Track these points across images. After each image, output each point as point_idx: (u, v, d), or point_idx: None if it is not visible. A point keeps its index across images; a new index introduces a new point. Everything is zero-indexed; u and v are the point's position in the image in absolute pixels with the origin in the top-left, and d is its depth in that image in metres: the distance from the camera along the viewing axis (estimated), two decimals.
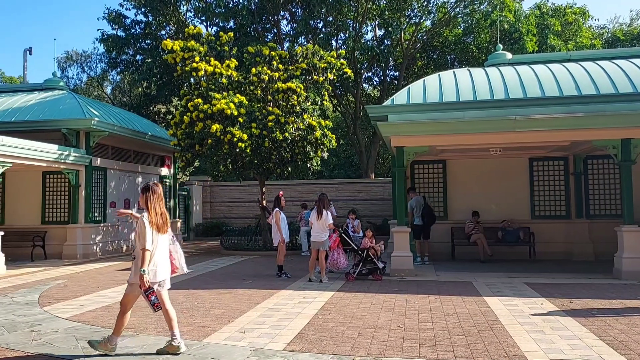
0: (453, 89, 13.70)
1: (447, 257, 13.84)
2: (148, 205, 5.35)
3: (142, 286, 5.14)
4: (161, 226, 5.37)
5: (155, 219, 5.31)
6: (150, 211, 5.33)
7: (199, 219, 25.23)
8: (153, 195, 5.39)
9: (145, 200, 5.38)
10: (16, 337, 6.13)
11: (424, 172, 14.62)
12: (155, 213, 5.34)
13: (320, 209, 10.25)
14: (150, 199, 5.37)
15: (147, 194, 5.39)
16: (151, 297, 5.17)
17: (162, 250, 5.42)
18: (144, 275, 5.12)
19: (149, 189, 5.43)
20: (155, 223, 5.30)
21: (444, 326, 6.43)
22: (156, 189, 5.46)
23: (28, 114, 16.10)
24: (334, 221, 10.70)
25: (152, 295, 5.18)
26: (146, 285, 5.12)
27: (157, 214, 5.35)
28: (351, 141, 31.89)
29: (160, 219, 5.36)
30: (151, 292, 5.18)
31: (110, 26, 28.91)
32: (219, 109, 14.54)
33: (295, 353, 5.34)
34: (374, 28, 29.88)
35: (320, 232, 10.20)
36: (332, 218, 10.32)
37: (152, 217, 5.30)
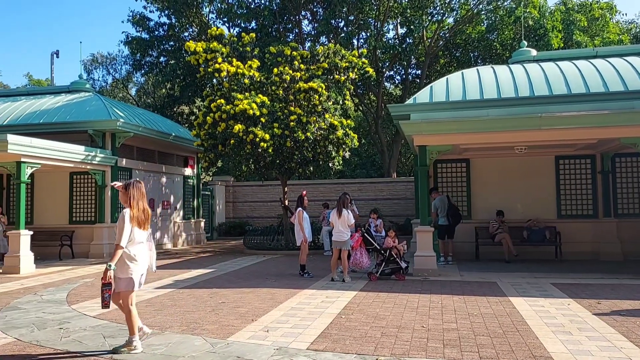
0: (476, 86, 13.55)
1: (471, 257, 13.69)
2: (131, 202, 5.40)
3: (103, 279, 5.20)
4: (143, 222, 5.44)
5: (137, 215, 5.39)
6: (132, 207, 5.38)
7: (222, 219, 25.46)
8: (136, 191, 5.46)
9: (127, 196, 5.42)
10: (46, 334, 6.27)
11: (447, 171, 14.48)
12: (138, 209, 5.41)
13: (340, 208, 10.25)
14: (133, 195, 5.42)
15: (130, 190, 5.44)
16: (106, 293, 5.22)
17: (143, 246, 5.50)
18: (109, 270, 5.18)
19: (132, 185, 5.49)
20: (137, 219, 5.38)
21: (468, 327, 6.37)
22: (139, 185, 5.54)
23: (55, 115, 16.45)
24: (356, 220, 10.69)
25: (108, 292, 5.23)
26: (106, 280, 5.18)
27: (140, 209, 5.42)
28: (373, 140, 31.80)
29: (143, 215, 5.44)
30: (108, 289, 5.23)
31: (135, 28, 29.39)
32: (242, 109, 14.65)
33: (318, 352, 5.35)
34: (396, 26, 29.73)
35: (341, 232, 10.19)
36: (353, 217, 10.28)
37: (134, 213, 5.36)
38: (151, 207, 18.27)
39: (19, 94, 20.10)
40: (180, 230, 20.32)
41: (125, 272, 5.31)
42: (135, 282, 5.36)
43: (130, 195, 5.40)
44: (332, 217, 10.46)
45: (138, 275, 5.40)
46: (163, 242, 19.22)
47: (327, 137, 15.64)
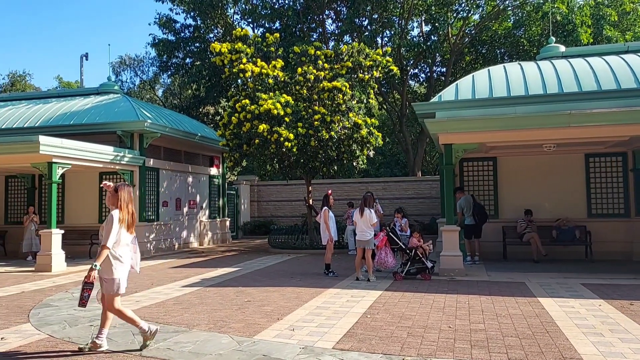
0: (503, 84, 13.35)
1: (498, 257, 13.49)
2: (121, 204, 5.49)
3: (86, 278, 5.25)
4: (130, 225, 5.55)
5: (126, 217, 5.49)
6: (122, 209, 5.48)
7: (246, 218, 25.66)
8: (126, 195, 5.56)
9: (117, 199, 5.51)
10: (77, 331, 6.42)
11: (473, 170, 14.30)
12: (127, 212, 5.51)
13: (362, 207, 10.24)
14: (124, 198, 5.52)
15: (120, 193, 5.53)
16: (86, 292, 5.28)
17: (128, 249, 5.58)
18: (94, 270, 5.24)
19: (122, 188, 5.57)
20: (126, 221, 5.48)
21: (496, 327, 6.28)
22: (128, 189, 5.63)
23: (85, 117, 16.81)
24: (380, 220, 10.64)
25: (88, 291, 5.29)
26: (89, 280, 5.24)
27: (129, 213, 5.53)
28: (397, 139, 31.61)
29: (131, 218, 5.55)
30: (89, 288, 5.29)
31: (161, 31, 29.85)
32: (266, 109, 14.73)
33: (344, 352, 5.34)
34: (420, 24, 29.48)
35: (364, 231, 10.17)
36: (376, 216, 10.22)
37: (123, 215, 5.46)
38: (177, 206, 18.58)
39: (49, 96, 20.60)
40: (206, 229, 20.55)
41: (110, 273, 5.38)
42: (121, 284, 5.41)
43: (121, 198, 5.50)
44: (355, 216, 10.47)
45: (124, 277, 5.47)
46: (189, 240, 19.47)
47: (351, 136, 15.62)
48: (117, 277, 5.38)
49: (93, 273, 5.22)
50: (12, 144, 12.77)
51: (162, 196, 17.71)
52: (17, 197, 17.62)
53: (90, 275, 5.22)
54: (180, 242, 18.74)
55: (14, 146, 12.71)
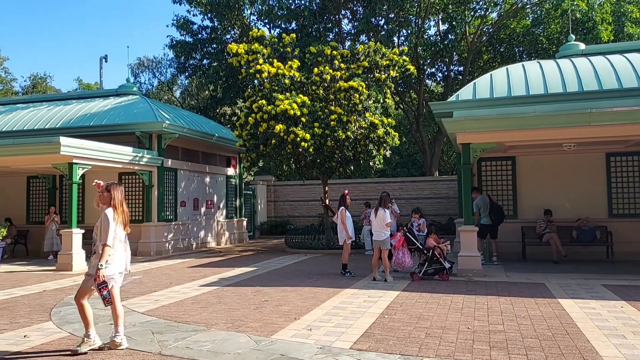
0: (522, 82, 13.21)
1: (517, 258, 13.35)
2: (115, 203, 5.58)
3: (96, 279, 5.33)
4: (125, 223, 5.64)
5: (121, 216, 5.57)
6: (116, 208, 5.56)
7: (263, 218, 25.76)
8: (119, 194, 5.65)
9: (109, 197, 5.59)
10: (98, 329, 6.48)
11: (491, 169, 14.16)
12: (122, 210, 5.60)
13: (377, 207, 10.22)
14: (117, 197, 5.61)
15: (112, 192, 5.61)
16: (104, 291, 5.36)
17: (120, 246, 5.65)
18: (101, 269, 5.32)
19: (114, 187, 5.65)
20: (121, 220, 5.57)
21: (515, 329, 6.22)
22: (120, 188, 5.73)
23: (105, 118, 17.04)
24: (397, 220, 10.60)
25: (105, 289, 5.37)
26: (101, 279, 5.32)
27: (123, 211, 5.62)
28: (414, 139, 31.46)
29: (125, 216, 5.64)
30: (104, 287, 5.36)
31: (179, 32, 30.11)
32: (282, 109, 14.78)
33: (362, 352, 5.33)
34: (437, 23, 29.31)
35: (379, 231, 10.14)
36: (390, 217, 10.14)
37: (118, 214, 5.54)
38: (195, 206, 18.73)
39: (70, 97, 20.93)
40: (224, 229, 20.69)
41: (94, 269, 5.43)
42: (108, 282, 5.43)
43: (114, 197, 5.59)
44: (371, 216, 10.45)
45: (116, 275, 5.52)
46: (207, 240, 19.62)
47: (367, 136, 15.59)
48: (106, 274, 5.41)
49: (100, 272, 5.31)
50: (33, 145, 13.01)
51: (180, 196, 17.87)
52: (38, 198, 17.92)
53: (99, 275, 5.31)
54: (198, 241, 18.89)
55: (36, 147, 12.94)
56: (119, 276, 5.61)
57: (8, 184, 17.98)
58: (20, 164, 13.82)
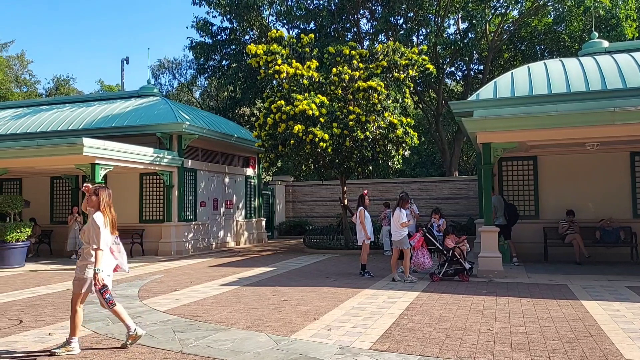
0: (544, 81, 13.02)
1: (539, 259, 13.16)
2: (104, 207, 5.61)
3: (96, 285, 5.36)
4: (113, 226, 5.69)
5: (109, 219, 5.61)
6: (105, 212, 5.59)
7: (282, 218, 25.85)
8: (108, 197, 5.69)
9: (97, 201, 5.61)
10: (120, 328, 6.58)
11: (512, 169, 13.99)
12: (110, 214, 5.64)
13: (395, 207, 10.17)
14: (105, 201, 5.64)
15: (101, 196, 5.64)
16: (106, 294, 5.42)
17: (108, 250, 5.69)
18: (98, 274, 5.35)
19: (102, 191, 5.67)
20: (109, 223, 5.61)
21: (537, 330, 6.13)
22: (109, 192, 5.75)
23: (126, 119, 17.27)
24: (416, 220, 10.54)
25: (107, 293, 5.42)
26: (100, 284, 5.35)
27: (111, 214, 5.66)
28: (433, 138, 31.24)
29: (113, 220, 5.69)
30: (106, 290, 5.41)
31: (199, 34, 30.38)
32: (301, 109, 14.80)
33: (381, 353, 5.32)
34: (457, 21, 29.06)
35: (397, 231, 10.08)
36: (409, 217, 10.05)
37: (106, 217, 5.58)
38: (215, 206, 18.87)
39: (92, 99, 21.27)
40: (243, 229, 20.81)
41: (82, 273, 5.48)
42: (85, 285, 5.48)
43: (103, 201, 5.62)
44: (391, 217, 10.43)
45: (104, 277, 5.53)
46: (226, 240, 19.75)
47: (386, 135, 15.53)
48: (89, 277, 5.46)
49: (98, 276, 5.35)
50: (57, 146, 13.25)
51: (199, 196, 18.03)
52: (62, 198, 18.24)
53: (98, 279, 5.35)
54: (217, 241, 19.03)
55: (59, 148, 13.18)
56: (107, 278, 5.62)
57: (33, 184, 18.34)
58: (44, 164, 14.08)
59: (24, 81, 44.44)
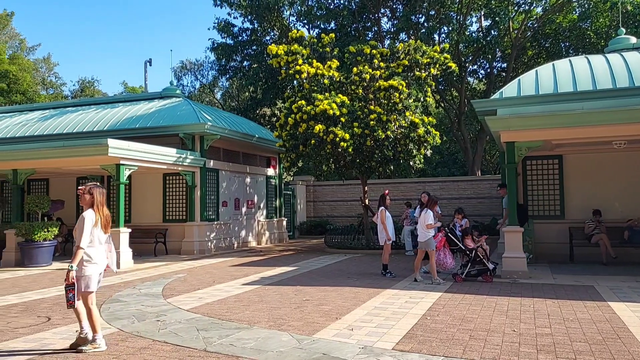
0: (569, 78, 12.79)
1: (564, 259, 12.93)
2: (97, 206, 5.62)
3: (66, 280, 5.38)
4: (106, 226, 5.69)
5: (101, 218, 5.62)
6: (97, 211, 5.61)
7: (303, 218, 25.89)
8: (101, 197, 5.69)
9: (91, 200, 5.63)
10: (145, 325, 6.69)
11: (537, 168, 13.76)
12: (102, 213, 5.65)
13: (421, 208, 10.06)
14: (98, 200, 5.65)
15: (94, 195, 5.65)
16: (69, 293, 5.39)
17: (102, 248, 5.71)
18: (71, 271, 5.37)
19: (95, 190, 5.68)
20: (102, 223, 5.62)
21: (563, 332, 6.03)
22: (102, 191, 5.75)
23: (150, 120, 17.50)
24: (438, 220, 10.44)
25: (72, 292, 5.39)
26: (69, 281, 5.37)
27: (104, 214, 5.67)
28: (455, 137, 30.94)
29: (105, 218, 5.69)
30: (72, 289, 5.39)
31: (220, 35, 30.62)
32: (322, 109, 14.81)
33: (404, 353, 5.29)
34: (480, 19, 28.74)
35: (422, 232, 9.98)
36: (432, 218, 9.92)
37: (98, 216, 5.60)
38: (236, 206, 19.00)
39: (116, 100, 21.59)
40: (264, 229, 20.91)
41: (81, 272, 5.50)
42: (92, 282, 5.53)
43: (95, 199, 5.64)
44: (419, 217, 10.33)
45: (96, 275, 5.59)
46: (248, 240, 19.88)
47: (407, 135, 15.44)
48: (88, 274, 5.50)
49: (71, 274, 5.38)
50: (83, 147, 13.51)
51: (221, 196, 18.18)
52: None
53: (69, 276, 5.38)
54: (239, 241, 19.16)
55: (85, 149, 13.44)
56: (99, 276, 5.68)
57: (59, 184, 18.72)
58: (71, 165, 14.36)
59: (50, 83, 45.42)
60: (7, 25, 41.63)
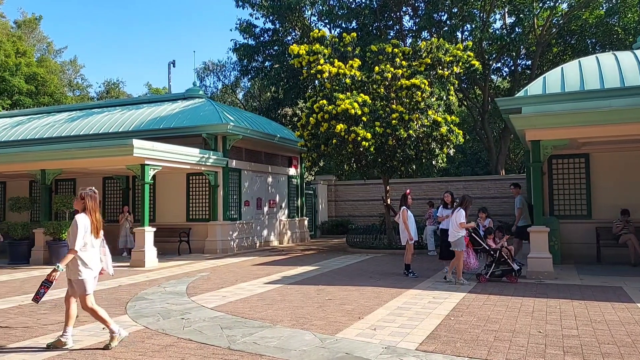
0: (596, 75, 12.53)
1: (591, 260, 12.68)
2: (89, 211, 5.69)
3: (48, 276, 5.44)
4: (98, 230, 5.75)
5: (95, 224, 5.69)
6: (90, 216, 5.68)
7: (324, 217, 25.91)
8: (93, 202, 5.75)
9: (83, 205, 5.71)
10: (170, 323, 6.78)
11: (562, 167, 13.52)
12: (94, 217, 5.71)
13: (455, 207, 9.93)
14: (92, 207, 5.72)
15: (86, 200, 5.72)
16: (42, 289, 5.46)
17: (95, 252, 5.76)
18: (57, 271, 5.43)
19: (88, 196, 5.74)
20: (95, 227, 5.68)
21: (591, 333, 5.91)
22: (94, 195, 5.80)
23: (173, 121, 17.72)
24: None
25: (45, 289, 5.46)
26: (50, 279, 5.44)
27: (96, 219, 5.72)
28: (479, 136, 30.58)
29: (97, 223, 5.75)
30: (47, 286, 5.46)
31: (242, 36, 30.83)
32: (343, 109, 14.78)
33: (428, 353, 5.25)
34: (503, 16, 28.32)
35: (453, 232, 9.83)
36: (464, 217, 9.79)
37: (90, 220, 5.65)
38: (258, 206, 19.12)
39: (140, 102, 21.91)
40: (286, 228, 20.99)
41: (76, 275, 5.57)
42: (87, 285, 5.59)
43: (88, 205, 5.72)
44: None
45: (91, 279, 5.64)
46: (270, 239, 19.98)
47: (430, 134, 15.33)
48: (83, 278, 5.57)
49: (55, 274, 5.46)
50: (109, 148, 13.75)
51: (243, 196, 18.30)
52: (113, 197, 18.90)
53: (52, 275, 5.46)
54: (261, 240, 19.28)
55: (111, 149, 13.68)
56: (93, 280, 5.75)
57: (86, 184, 18.88)
58: (97, 165, 14.63)
59: (77, 85, 46.34)
60: (35, 29, 42.62)
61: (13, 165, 15.22)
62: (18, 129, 20.71)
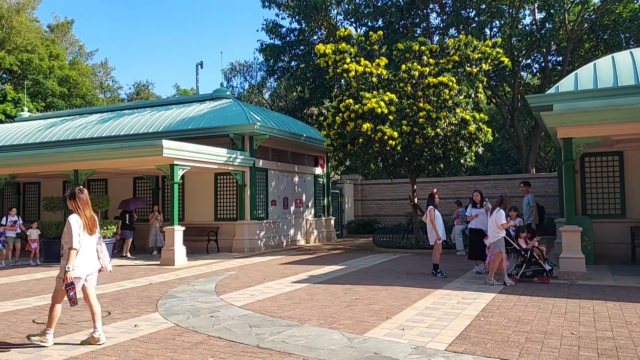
0: (630, 71, 12.19)
1: (625, 260, 12.33)
2: (78, 210, 5.76)
3: (64, 281, 5.52)
4: (91, 227, 5.80)
5: (86, 222, 5.74)
6: (80, 215, 5.74)
7: (350, 217, 25.86)
8: (79, 201, 5.81)
9: (73, 205, 5.79)
10: (200, 321, 6.87)
11: (595, 165, 13.20)
12: (85, 216, 5.76)
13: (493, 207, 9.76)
14: (78, 205, 5.79)
15: (73, 200, 5.81)
16: (70, 292, 5.53)
17: (90, 249, 5.81)
18: (68, 271, 5.51)
19: (73, 196, 5.81)
20: (86, 225, 5.74)
21: (626, 335, 5.76)
22: (81, 195, 5.85)
23: (201, 121, 17.94)
24: None
25: (72, 291, 5.54)
26: (68, 281, 5.51)
27: (86, 217, 5.77)
28: (508, 134, 30.07)
29: (90, 221, 5.79)
30: (71, 288, 5.54)
31: (268, 36, 31.02)
32: (370, 108, 14.72)
33: (458, 354, 5.19)
34: (533, 11, 27.74)
35: (493, 232, 9.65)
36: (504, 218, 9.58)
37: (83, 220, 5.72)
38: (285, 205, 19.20)
39: (169, 103, 22.24)
40: (312, 228, 21.03)
41: (62, 272, 5.62)
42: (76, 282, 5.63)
43: (75, 205, 5.80)
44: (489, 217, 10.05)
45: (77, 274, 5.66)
46: (296, 238, 20.05)
47: (458, 132, 15.14)
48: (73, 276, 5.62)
49: (68, 274, 5.56)
50: (139, 148, 14.00)
51: (270, 195, 18.41)
52: (143, 197, 19.23)
53: (67, 277, 5.56)
54: (288, 239, 19.36)
55: (141, 150, 13.92)
56: (89, 277, 5.83)
57: (117, 184, 19.48)
58: (128, 165, 14.91)
59: (108, 87, 47.36)
60: (67, 32, 43.71)
61: (47, 165, 15.63)
62: (52, 130, 21.27)
